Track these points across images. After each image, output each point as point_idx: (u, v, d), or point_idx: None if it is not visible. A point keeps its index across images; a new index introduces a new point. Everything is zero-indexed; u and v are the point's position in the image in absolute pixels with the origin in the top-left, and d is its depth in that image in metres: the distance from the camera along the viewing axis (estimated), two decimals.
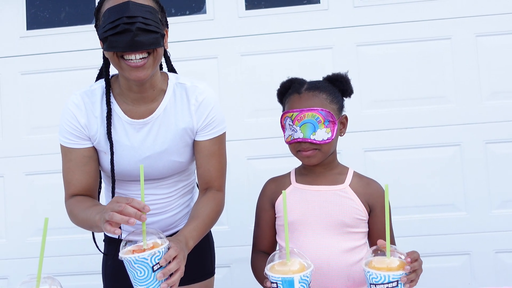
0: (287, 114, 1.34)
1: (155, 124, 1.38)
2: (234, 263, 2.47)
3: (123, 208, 1.08)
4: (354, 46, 2.47)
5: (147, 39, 1.23)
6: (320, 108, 1.31)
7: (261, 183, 2.44)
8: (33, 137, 2.56)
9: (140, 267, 1.06)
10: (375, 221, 1.36)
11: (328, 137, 1.31)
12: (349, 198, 1.35)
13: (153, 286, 1.08)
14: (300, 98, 1.35)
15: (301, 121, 1.30)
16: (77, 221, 1.35)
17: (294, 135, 1.32)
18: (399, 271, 1.08)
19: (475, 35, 2.42)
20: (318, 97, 1.34)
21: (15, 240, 2.56)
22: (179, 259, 1.11)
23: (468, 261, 2.41)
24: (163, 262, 1.08)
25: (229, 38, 2.52)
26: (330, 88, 1.38)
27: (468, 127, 2.41)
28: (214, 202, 1.42)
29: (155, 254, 1.07)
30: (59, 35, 2.57)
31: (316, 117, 1.30)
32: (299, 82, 1.41)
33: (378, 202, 1.36)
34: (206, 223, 1.36)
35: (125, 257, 1.07)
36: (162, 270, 1.08)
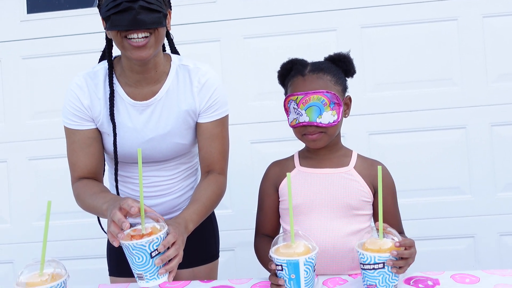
0: (291, 98, 1.31)
1: (158, 106, 1.38)
2: (238, 247, 2.48)
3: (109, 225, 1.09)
4: (359, 28, 2.44)
5: (150, 18, 1.22)
6: (325, 91, 1.28)
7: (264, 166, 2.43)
8: (36, 122, 2.55)
9: (138, 253, 1.06)
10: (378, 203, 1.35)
11: (334, 119, 1.29)
12: (355, 180, 1.34)
13: (151, 271, 1.08)
14: (304, 80, 1.32)
15: (306, 104, 1.28)
16: (84, 206, 1.36)
17: (300, 118, 1.29)
18: (386, 254, 1.07)
19: (482, 16, 2.38)
20: (323, 79, 1.31)
21: (20, 224, 2.57)
22: (177, 245, 1.11)
23: (472, 244, 2.41)
24: (162, 249, 1.07)
25: (232, 20, 2.48)
26: (334, 68, 1.35)
27: (474, 110, 2.38)
28: (215, 185, 1.41)
29: (153, 241, 1.06)
30: (59, 19, 2.54)
31: (322, 100, 1.27)
32: (301, 64, 1.37)
33: (382, 183, 1.34)
34: (207, 206, 1.35)
35: (124, 243, 1.06)
36: (161, 256, 1.07)
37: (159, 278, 1.09)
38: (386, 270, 1.08)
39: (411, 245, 1.11)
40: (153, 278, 1.08)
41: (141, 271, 1.08)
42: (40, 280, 1.03)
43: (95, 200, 1.27)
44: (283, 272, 1.08)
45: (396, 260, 1.08)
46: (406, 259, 1.09)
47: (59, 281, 1.04)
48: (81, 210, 1.50)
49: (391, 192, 1.38)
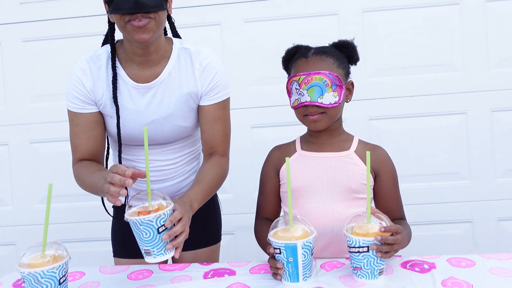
0: (294, 78, 1.32)
1: (160, 88, 1.39)
2: (238, 230, 2.50)
3: (111, 179, 1.10)
4: (360, 12, 2.42)
5: (151, 1, 1.24)
6: (328, 72, 1.29)
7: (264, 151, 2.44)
8: (37, 105, 2.55)
9: (146, 229, 1.08)
10: (381, 186, 1.37)
11: (336, 100, 1.30)
12: (355, 164, 1.35)
13: (158, 247, 1.10)
14: (307, 62, 1.33)
15: (309, 84, 1.29)
16: (84, 185, 1.37)
17: (301, 98, 1.30)
18: (371, 238, 1.09)
19: (485, 0, 2.36)
20: (326, 61, 1.32)
21: (22, 207, 2.59)
22: (184, 222, 1.13)
23: (470, 228, 2.43)
24: (168, 224, 1.10)
25: (232, 4, 2.46)
26: (337, 53, 1.36)
27: (474, 95, 2.38)
28: (218, 166, 1.43)
29: (160, 217, 1.08)
30: (60, 1, 2.52)
31: (324, 80, 1.28)
32: (305, 48, 1.39)
33: (383, 167, 1.37)
34: (211, 187, 1.38)
35: (131, 219, 1.09)
36: (168, 232, 1.10)
37: (166, 253, 1.12)
38: (371, 254, 1.09)
39: (397, 231, 1.12)
40: (160, 254, 1.11)
41: (148, 247, 1.10)
42: (42, 262, 1.05)
43: (93, 177, 1.29)
44: (281, 255, 1.10)
45: (380, 245, 1.09)
46: (391, 244, 1.11)
47: (61, 262, 1.05)
48: (82, 192, 1.52)
49: (391, 176, 1.39)
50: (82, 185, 1.38)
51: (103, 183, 1.17)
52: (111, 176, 1.10)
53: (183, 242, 1.14)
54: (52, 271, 1.03)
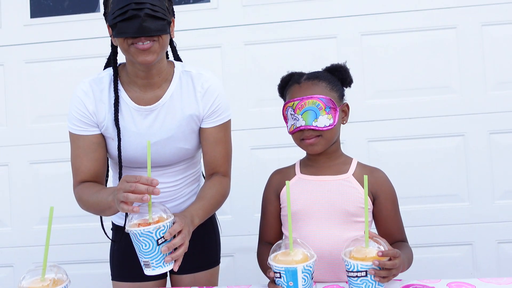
0: (288, 104, 1.35)
1: (162, 110, 1.40)
2: (237, 253, 2.49)
3: (135, 187, 1.10)
4: (359, 36, 2.46)
5: (155, 25, 1.26)
6: (321, 96, 1.32)
7: (264, 173, 2.45)
8: (37, 125, 2.56)
9: (145, 240, 1.09)
10: (380, 209, 1.37)
11: (330, 123, 1.32)
12: (353, 187, 1.36)
13: (157, 259, 1.11)
14: (300, 87, 1.36)
15: (302, 109, 1.31)
16: (87, 205, 1.37)
17: (296, 123, 1.33)
18: (368, 262, 1.09)
19: (481, 24, 2.40)
20: (318, 85, 1.35)
21: (20, 228, 2.58)
22: (183, 234, 1.14)
23: (470, 251, 2.42)
24: (168, 236, 1.10)
25: (233, 27, 2.50)
26: (330, 77, 1.40)
27: (472, 117, 2.40)
28: (220, 185, 1.45)
29: (160, 228, 1.09)
30: (62, 24, 2.57)
31: (317, 104, 1.31)
32: (298, 74, 1.42)
33: (382, 190, 1.37)
34: (212, 204, 1.39)
35: (131, 230, 1.10)
36: (167, 244, 1.10)
37: (165, 266, 1.12)
38: (369, 279, 1.09)
39: (394, 256, 1.12)
40: (159, 266, 1.11)
41: (147, 259, 1.11)
42: (42, 286, 1.04)
43: (99, 195, 1.30)
44: (281, 279, 1.09)
45: (378, 270, 1.09)
46: (390, 269, 1.10)
47: (60, 286, 1.05)
48: (81, 214, 1.51)
49: (391, 199, 1.39)
50: (85, 205, 1.38)
51: (112, 197, 1.18)
52: (130, 185, 1.10)
53: (183, 255, 1.15)
54: None
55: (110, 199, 1.21)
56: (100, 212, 1.34)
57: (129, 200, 1.10)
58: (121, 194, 1.11)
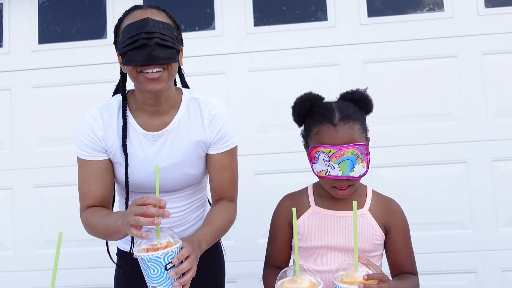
0: (322, 150, 1.26)
1: (169, 136, 1.42)
2: (240, 278, 2.47)
3: (145, 210, 1.12)
4: (361, 63, 2.50)
5: (164, 54, 1.28)
6: (359, 144, 1.25)
7: (268, 198, 2.46)
8: (42, 149, 2.58)
9: (154, 266, 1.10)
10: (391, 242, 1.36)
11: (364, 171, 1.28)
12: (369, 224, 1.35)
13: (165, 284, 1.12)
14: (336, 132, 1.26)
15: (340, 158, 1.24)
16: (95, 230, 1.37)
17: (331, 171, 1.26)
18: (355, 286, 1.10)
19: (481, 53, 2.45)
20: (354, 129, 1.27)
21: (22, 252, 2.57)
22: (191, 259, 1.15)
23: (475, 279, 2.40)
24: (176, 261, 1.11)
25: (237, 54, 2.55)
26: (358, 112, 1.32)
27: (474, 145, 2.41)
28: (227, 210, 1.46)
29: (168, 253, 1.11)
30: (70, 50, 2.61)
31: (355, 153, 1.25)
32: (325, 107, 1.32)
33: (395, 224, 1.37)
34: (219, 229, 1.40)
35: (139, 255, 1.11)
36: (175, 269, 1.11)
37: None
38: None
39: (381, 280, 1.12)
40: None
41: (155, 284, 1.12)
42: None
43: (108, 219, 1.30)
44: None
45: None
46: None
47: None
48: (85, 238, 1.51)
49: (403, 232, 1.37)
50: (93, 229, 1.38)
51: (121, 221, 1.19)
52: (141, 208, 1.12)
53: (190, 280, 1.15)
54: None
55: (119, 223, 1.22)
56: (108, 236, 1.34)
57: (140, 224, 1.11)
58: (131, 218, 1.12)
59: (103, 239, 1.42)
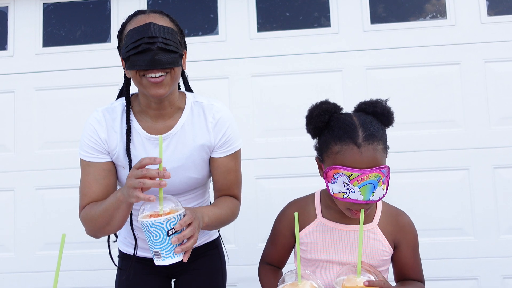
0: (344, 172, 1.16)
1: (173, 140, 1.42)
2: (240, 282, 2.47)
3: (146, 172, 1.15)
4: (364, 70, 2.51)
5: (167, 58, 1.29)
6: (382, 167, 1.17)
7: (269, 202, 2.47)
8: (45, 151, 2.59)
9: (156, 231, 1.13)
10: (399, 256, 1.33)
11: (383, 193, 1.20)
12: (377, 240, 1.31)
13: (167, 249, 1.15)
14: (360, 154, 1.16)
15: (362, 183, 1.16)
16: (94, 219, 1.34)
17: (351, 195, 1.17)
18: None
19: (484, 61, 2.45)
20: (377, 150, 1.18)
21: (24, 254, 2.58)
22: (193, 227, 1.17)
23: (475, 286, 2.40)
24: (178, 227, 1.14)
25: (240, 59, 2.56)
26: (380, 128, 1.23)
27: (476, 152, 2.42)
28: (232, 203, 1.49)
29: (170, 220, 1.14)
30: (74, 53, 2.63)
31: (378, 177, 1.16)
32: (347, 124, 1.21)
33: (404, 238, 1.32)
34: (222, 214, 1.41)
35: (143, 221, 1.14)
36: (177, 235, 1.14)
37: (174, 256, 1.16)
38: None
39: (381, 286, 1.12)
40: (169, 257, 1.15)
41: (158, 249, 1.15)
42: None
43: (106, 202, 1.31)
44: None
45: None
46: None
47: None
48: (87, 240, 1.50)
49: (412, 246, 1.33)
50: (93, 219, 1.35)
51: (121, 193, 1.22)
52: (141, 171, 1.15)
53: (192, 247, 1.18)
54: None
55: (118, 195, 1.24)
56: (109, 218, 1.31)
57: (145, 186, 1.13)
58: (135, 181, 1.14)
59: (103, 233, 1.38)
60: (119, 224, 1.34)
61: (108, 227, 1.34)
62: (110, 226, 1.34)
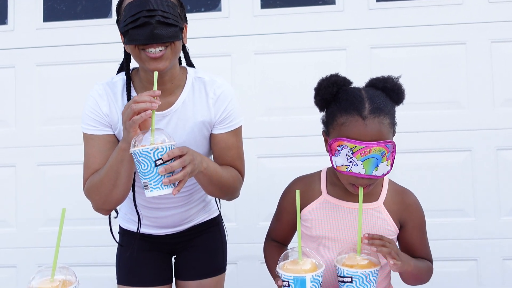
0: (347, 144, 1.15)
1: (174, 116, 1.41)
2: (241, 260, 2.49)
3: (138, 97, 1.18)
4: (368, 48, 2.47)
5: (166, 32, 1.26)
6: (387, 141, 1.15)
7: (271, 181, 2.47)
8: (46, 128, 2.58)
9: (144, 160, 1.13)
10: (405, 235, 1.32)
11: (388, 170, 1.17)
12: (382, 219, 1.29)
13: (155, 180, 1.14)
14: (365, 125, 1.15)
15: (365, 156, 1.14)
16: (100, 183, 1.32)
17: (353, 168, 1.16)
18: (354, 269, 1.11)
19: (490, 41, 2.42)
20: (384, 124, 1.16)
21: (25, 229, 2.59)
22: (183, 160, 1.16)
23: (475, 267, 2.41)
24: (166, 157, 1.13)
25: (243, 36, 2.53)
26: (389, 104, 1.22)
27: (479, 133, 2.40)
28: (234, 171, 1.46)
29: (158, 149, 1.13)
30: (75, 28, 2.60)
31: (382, 152, 1.14)
32: (355, 96, 1.20)
33: (410, 218, 1.31)
34: (224, 175, 1.39)
35: (132, 150, 1.15)
36: (164, 166, 1.13)
37: (162, 188, 1.15)
38: (354, 285, 1.11)
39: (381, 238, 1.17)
40: (157, 188, 1.14)
41: (146, 179, 1.14)
42: (51, 286, 1.05)
43: (109, 160, 1.30)
44: None
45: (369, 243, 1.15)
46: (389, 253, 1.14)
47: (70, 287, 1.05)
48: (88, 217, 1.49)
49: (418, 226, 1.32)
50: (98, 183, 1.33)
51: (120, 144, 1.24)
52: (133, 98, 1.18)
53: (182, 179, 1.16)
54: None
55: (120, 144, 1.24)
56: (114, 177, 1.29)
57: (138, 108, 1.15)
58: (130, 106, 1.16)
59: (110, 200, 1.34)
60: (125, 186, 1.32)
61: (115, 190, 1.31)
62: (116, 189, 1.31)
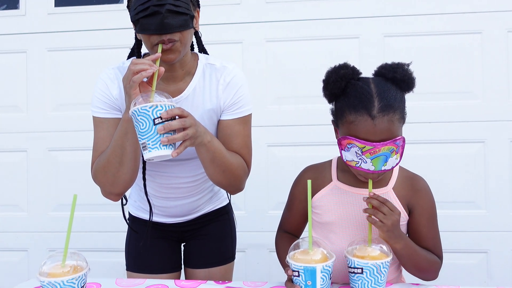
0: (356, 143, 1.14)
1: (184, 103, 1.39)
2: (249, 248, 2.49)
3: (136, 59, 1.17)
4: (382, 37, 2.44)
5: (177, 21, 1.24)
6: (397, 139, 1.14)
7: (280, 170, 2.46)
8: (58, 113, 2.59)
9: (143, 119, 1.10)
10: (414, 222, 1.30)
11: (397, 162, 1.17)
12: None
13: (153, 139, 1.11)
14: (374, 126, 1.13)
15: (374, 155, 1.14)
16: (106, 163, 1.30)
17: (363, 165, 1.16)
18: (364, 260, 1.11)
19: (507, 31, 2.37)
20: (393, 121, 1.15)
21: (36, 214, 2.62)
22: (183, 121, 1.13)
23: (485, 259, 2.40)
24: (165, 115, 1.11)
25: (255, 23, 2.50)
26: (399, 96, 1.19)
27: (493, 124, 2.37)
28: (240, 158, 1.40)
29: (157, 108, 1.10)
30: (86, 13, 2.59)
31: (391, 149, 1.14)
32: (364, 92, 1.17)
33: (418, 204, 1.29)
34: (228, 157, 1.34)
35: (131, 110, 1.12)
36: (163, 124, 1.10)
37: (161, 148, 1.11)
38: (365, 276, 1.10)
39: (384, 202, 1.16)
40: (155, 147, 1.11)
41: (144, 140, 1.11)
42: (62, 272, 1.05)
43: (113, 136, 1.28)
44: (299, 278, 1.09)
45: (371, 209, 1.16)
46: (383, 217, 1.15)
47: (80, 273, 1.06)
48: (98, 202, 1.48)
49: (427, 213, 1.30)
50: (104, 163, 1.30)
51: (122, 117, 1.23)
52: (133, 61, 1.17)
53: (181, 140, 1.13)
54: (71, 282, 1.04)
55: (123, 116, 1.23)
56: (120, 154, 1.26)
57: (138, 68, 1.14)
58: (129, 68, 1.16)
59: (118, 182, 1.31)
60: (132, 164, 1.29)
61: (122, 168, 1.28)
62: (123, 168, 1.28)
